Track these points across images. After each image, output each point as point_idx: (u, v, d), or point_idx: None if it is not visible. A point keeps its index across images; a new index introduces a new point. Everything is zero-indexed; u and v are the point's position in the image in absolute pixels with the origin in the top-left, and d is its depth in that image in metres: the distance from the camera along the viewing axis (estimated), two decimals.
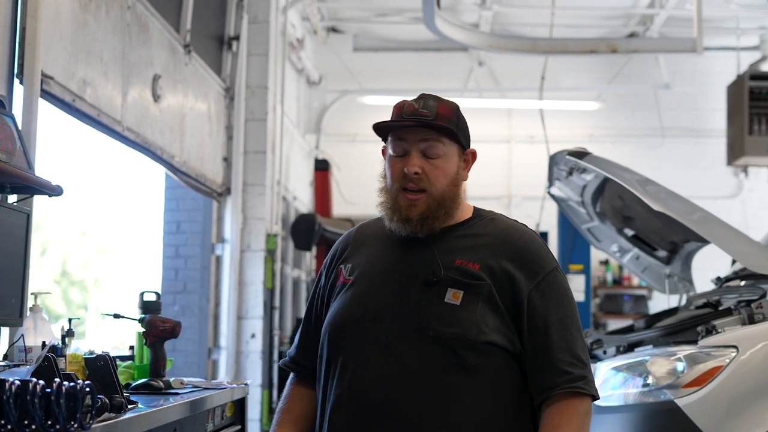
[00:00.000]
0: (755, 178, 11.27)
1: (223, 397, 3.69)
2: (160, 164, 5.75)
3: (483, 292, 2.37)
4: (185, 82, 6.09)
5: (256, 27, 7.49)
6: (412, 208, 2.42)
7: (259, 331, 7.27)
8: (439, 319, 2.35)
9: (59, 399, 2.10)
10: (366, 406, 2.35)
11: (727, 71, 10.97)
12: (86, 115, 4.54)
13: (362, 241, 2.59)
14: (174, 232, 7.12)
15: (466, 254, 2.43)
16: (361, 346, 2.39)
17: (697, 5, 7.13)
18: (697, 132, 11.50)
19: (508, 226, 2.52)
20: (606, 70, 11.40)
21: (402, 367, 2.33)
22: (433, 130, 2.44)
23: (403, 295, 2.40)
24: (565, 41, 7.70)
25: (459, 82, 11.60)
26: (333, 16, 11.07)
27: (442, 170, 2.43)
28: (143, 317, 3.75)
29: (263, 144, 7.42)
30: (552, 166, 5.54)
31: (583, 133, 11.19)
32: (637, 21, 10.89)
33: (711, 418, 4.12)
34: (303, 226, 8.34)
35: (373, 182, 9.28)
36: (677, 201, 4.56)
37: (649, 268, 6.08)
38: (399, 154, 2.47)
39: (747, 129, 10.06)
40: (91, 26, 4.59)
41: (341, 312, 2.46)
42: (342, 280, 2.51)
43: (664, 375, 4.32)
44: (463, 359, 2.33)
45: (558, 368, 2.36)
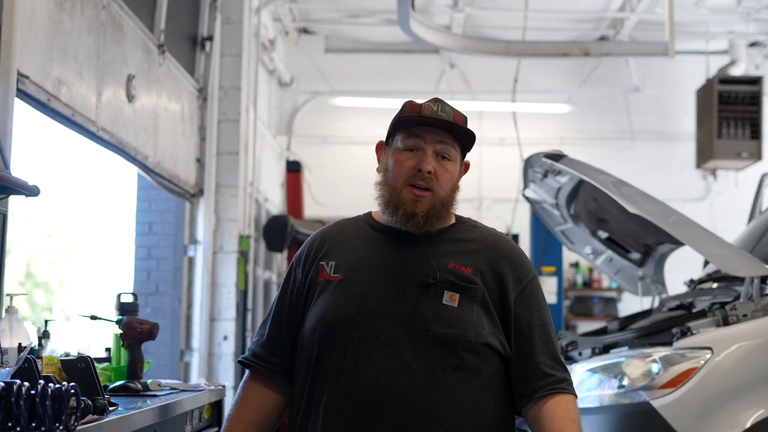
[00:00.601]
0: (723, 181, 11.37)
1: (201, 399, 3.68)
2: (134, 165, 5.71)
3: (477, 296, 2.44)
4: (159, 83, 6.05)
5: (230, 27, 7.46)
6: (417, 204, 2.45)
7: (232, 333, 7.24)
8: (438, 319, 2.39)
9: (45, 401, 2.08)
10: (366, 405, 2.35)
11: (696, 75, 11.06)
12: (61, 115, 4.50)
13: (342, 239, 2.58)
14: (146, 233, 7.07)
15: (458, 258, 2.48)
16: (358, 344, 2.39)
17: (669, 9, 7.18)
18: (667, 135, 11.58)
19: (491, 234, 2.60)
20: (577, 73, 11.46)
21: (403, 366, 2.35)
22: (458, 134, 2.50)
23: (399, 294, 2.42)
24: (539, 44, 7.74)
25: (430, 84, 11.61)
26: (304, 17, 11.04)
27: (450, 174, 2.49)
28: (120, 319, 3.73)
29: (236, 145, 7.39)
30: (527, 168, 5.56)
31: (554, 135, 11.24)
32: (607, 24, 10.95)
33: (686, 419, 4.15)
34: (275, 228, 8.32)
35: (345, 184, 9.37)
36: (653, 203, 4.59)
37: (622, 270, 6.12)
38: (411, 149, 2.49)
39: (716, 132, 10.17)
40: (67, 25, 4.54)
41: (332, 310, 2.44)
42: (326, 277, 2.50)
43: (640, 376, 4.35)
44: (462, 360, 2.38)
45: (543, 371, 2.45)
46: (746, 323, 4.28)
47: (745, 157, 10.18)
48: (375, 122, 11.57)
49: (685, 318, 4.60)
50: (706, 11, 10.11)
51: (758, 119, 10.19)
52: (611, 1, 10.25)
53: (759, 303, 4.34)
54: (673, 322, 4.61)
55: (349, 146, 11.53)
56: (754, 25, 10.77)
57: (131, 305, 3.90)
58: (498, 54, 7.25)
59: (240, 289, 7.30)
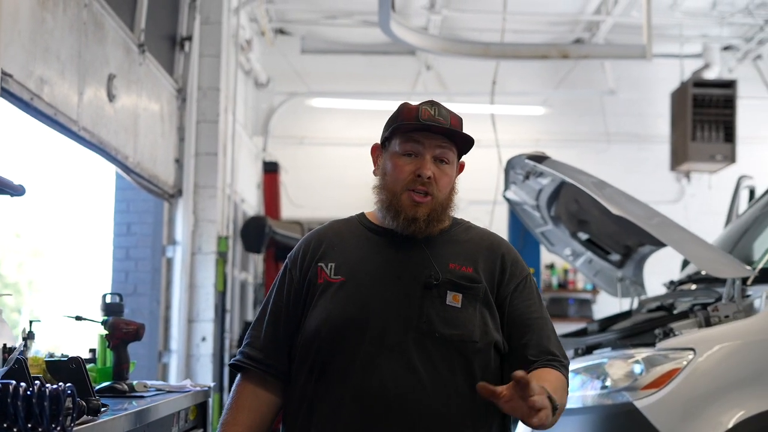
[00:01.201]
0: (697, 183, 11.45)
1: (188, 400, 3.66)
2: (114, 165, 5.67)
3: (479, 294, 2.46)
4: (139, 83, 6.02)
5: (208, 28, 7.43)
6: (418, 209, 2.46)
7: (210, 335, 7.21)
8: (443, 320, 2.40)
9: (42, 401, 2.06)
10: (374, 408, 2.35)
11: (670, 78, 11.13)
12: (43, 114, 4.46)
13: (338, 240, 2.58)
14: (124, 233, 7.03)
15: (458, 258, 2.50)
16: (364, 346, 2.39)
17: (647, 12, 7.23)
18: (641, 137, 11.65)
19: (487, 234, 2.64)
20: (552, 76, 11.51)
21: (410, 368, 2.36)
22: (458, 140, 2.52)
23: (403, 297, 2.43)
24: (518, 46, 7.77)
25: (407, 85, 11.62)
26: (281, 18, 11.02)
27: (448, 177, 2.51)
28: (106, 319, 3.71)
29: (215, 146, 7.35)
30: (508, 170, 5.58)
31: (530, 137, 11.27)
32: (583, 27, 11.00)
33: (669, 419, 4.18)
34: (253, 229, 8.30)
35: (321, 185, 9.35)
36: (636, 205, 4.62)
37: (601, 271, 6.15)
38: (410, 154, 2.49)
39: (690, 135, 10.23)
40: (49, 24, 4.51)
41: (337, 312, 2.44)
42: (326, 279, 2.49)
43: (622, 377, 4.37)
44: (467, 359, 2.40)
45: (547, 349, 2.46)
46: (728, 324, 4.32)
47: (719, 160, 10.25)
48: (351, 123, 11.58)
49: (668, 319, 4.64)
50: (681, 15, 10.19)
51: (732, 122, 10.26)
52: (587, 4, 10.30)
53: (740, 304, 4.38)
54: (655, 323, 4.64)
55: (325, 147, 11.52)
56: (728, 29, 10.86)
57: (116, 306, 3.89)
58: (477, 56, 7.28)
59: (218, 290, 7.27)
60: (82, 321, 3.89)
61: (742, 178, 6.73)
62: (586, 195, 5.37)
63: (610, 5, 10.02)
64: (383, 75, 11.67)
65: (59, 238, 11.53)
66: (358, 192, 11.48)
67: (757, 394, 4.17)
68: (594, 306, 11.29)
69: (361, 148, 12.21)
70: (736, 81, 10.42)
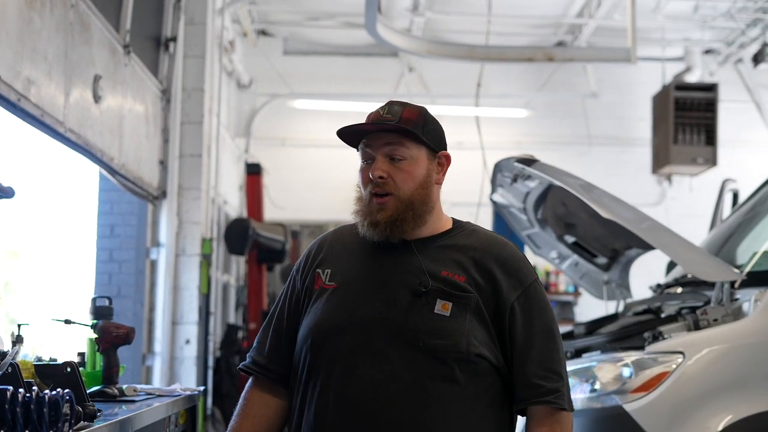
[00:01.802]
0: (678, 186, 11.51)
1: (178, 404, 3.63)
2: (100, 167, 5.63)
3: (471, 305, 2.38)
4: (124, 83, 5.98)
5: (193, 28, 7.39)
6: (380, 212, 2.41)
7: (194, 337, 7.17)
8: (429, 329, 2.34)
9: (42, 407, 2.04)
10: (354, 414, 2.32)
11: (651, 81, 11.19)
12: (30, 116, 4.42)
13: (339, 245, 2.56)
14: (108, 235, 6.97)
15: (451, 266, 2.42)
16: (347, 353, 2.36)
17: (631, 16, 7.25)
18: (623, 140, 11.70)
19: (489, 238, 2.53)
20: (535, 78, 11.53)
21: (391, 375, 2.32)
22: (393, 132, 2.44)
23: (390, 303, 2.39)
24: (503, 49, 7.77)
25: (389, 87, 11.62)
26: (263, 19, 10.99)
27: (408, 173, 2.42)
28: (96, 323, 3.68)
29: (199, 147, 7.32)
30: (496, 172, 5.57)
31: (512, 140, 11.29)
32: (565, 30, 11.03)
33: (659, 422, 4.18)
34: (237, 231, 8.27)
35: (303, 187, 9.33)
36: (625, 209, 4.62)
37: (587, 274, 6.15)
38: (366, 160, 2.47)
39: (672, 138, 10.29)
40: (37, 24, 4.47)
41: (325, 318, 2.42)
42: (321, 285, 2.48)
43: (611, 380, 4.37)
44: (452, 370, 2.33)
45: (531, 382, 2.39)
46: (717, 328, 4.32)
47: (701, 163, 10.31)
48: (333, 125, 11.40)
49: (656, 322, 4.64)
50: (663, 18, 10.23)
51: (713, 125, 10.33)
52: (570, 7, 10.33)
53: (729, 308, 4.38)
54: (644, 326, 4.64)
55: (307, 149, 11.51)
56: (709, 33, 10.92)
57: (106, 309, 3.85)
58: (462, 58, 7.27)
59: (202, 292, 7.23)
60: (71, 324, 3.85)
61: (726, 182, 6.75)
62: (574, 198, 5.38)
63: (593, 8, 10.05)
64: (366, 77, 11.66)
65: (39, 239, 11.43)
66: (340, 194, 11.47)
67: (746, 398, 4.17)
68: (576, 308, 11.33)
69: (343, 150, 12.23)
70: (718, 84, 10.48)
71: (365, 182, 2.46)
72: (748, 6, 9.91)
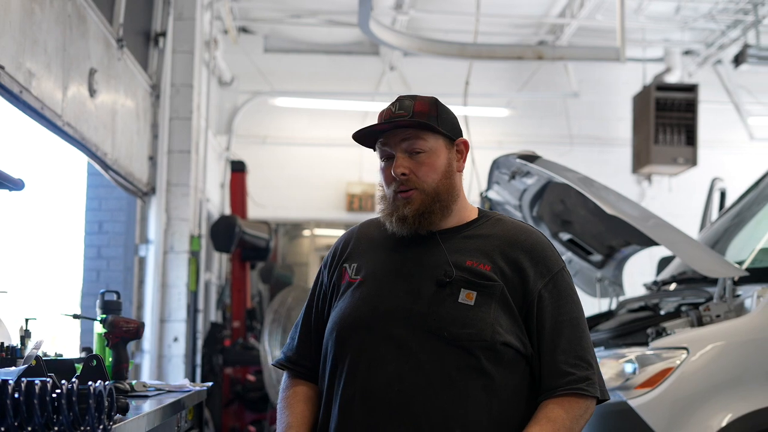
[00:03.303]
0: (658, 186, 11.59)
1: (190, 399, 3.59)
2: (94, 161, 5.57)
3: (496, 293, 2.36)
4: (117, 78, 5.92)
5: (182, 24, 7.32)
6: (407, 206, 2.41)
7: (182, 335, 7.11)
8: (453, 319, 2.33)
9: (88, 399, 2.00)
10: (380, 406, 2.31)
11: (631, 82, 11.25)
12: (31, 108, 4.36)
13: (366, 240, 2.56)
14: (96, 232, 6.90)
15: (476, 255, 2.41)
16: (372, 346, 2.36)
17: (620, 16, 7.28)
18: (603, 140, 11.76)
19: (516, 227, 2.50)
20: (516, 78, 11.56)
21: (417, 366, 2.31)
22: (408, 127, 2.42)
23: (415, 295, 2.37)
24: (493, 47, 7.79)
25: (371, 85, 11.61)
26: (244, 16, 10.93)
27: (429, 165, 2.41)
28: (105, 317, 3.63)
29: (187, 143, 7.26)
30: (493, 169, 5.57)
31: (493, 139, 11.30)
32: (546, 30, 11.06)
33: (663, 418, 4.19)
34: (223, 228, 8.21)
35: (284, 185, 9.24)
36: (630, 206, 4.64)
37: (580, 272, 6.16)
38: (386, 158, 2.47)
39: (653, 138, 10.35)
40: (38, 16, 4.41)
41: (349, 311, 2.42)
42: (347, 279, 2.48)
43: (615, 376, 4.38)
44: (478, 359, 2.32)
45: (562, 370, 2.36)
46: (721, 324, 4.35)
47: (681, 163, 10.38)
48: (315, 123, 11.53)
49: (659, 319, 4.66)
50: (644, 19, 10.28)
51: (693, 126, 10.41)
52: (552, 7, 10.36)
53: (731, 304, 4.41)
54: (646, 322, 4.65)
55: (288, 147, 11.47)
56: (689, 34, 11.00)
57: (115, 303, 3.81)
58: (453, 56, 7.27)
59: (191, 289, 7.17)
60: (80, 319, 3.81)
61: (715, 180, 6.79)
62: (573, 195, 5.40)
63: (576, 8, 10.08)
64: (347, 75, 11.64)
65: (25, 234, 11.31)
66: (322, 192, 11.57)
67: (750, 393, 4.20)
68: None
69: (324, 147, 12.24)
70: (698, 85, 10.55)
71: (388, 181, 2.45)
72: (729, 7, 9.99)
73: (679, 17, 10.33)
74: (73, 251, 6.89)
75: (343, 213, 11.58)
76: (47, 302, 6.89)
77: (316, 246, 13.27)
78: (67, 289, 6.89)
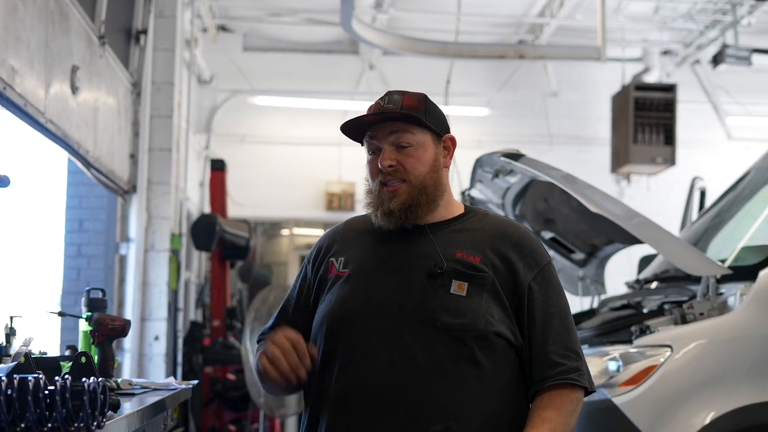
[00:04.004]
0: (636, 185, 11.64)
1: (176, 397, 3.57)
2: (76, 159, 5.53)
3: (487, 284, 2.40)
4: (99, 75, 5.88)
5: (163, 21, 7.29)
6: (393, 200, 2.44)
7: (163, 334, 7.07)
8: (446, 309, 2.36)
9: (82, 396, 1.99)
10: (374, 397, 2.33)
11: (610, 81, 11.30)
12: (15, 105, 4.33)
13: (352, 235, 2.58)
14: (76, 230, 6.85)
15: (466, 247, 2.44)
16: (364, 338, 2.38)
17: (601, 16, 7.31)
18: (582, 139, 11.80)
19: (503, 221, 2.56)
20: (496, 77, 11.58)
21: (410, 357, 2.33)
22: (397, 120, 2.45)
23: (406, 286, 2.40)
24: (475, 46, 7.80)
25: (350, 84, 11.60)
26: (223, 14, 10.89)
27: (416, 158, 2.44)
28: (90, 315, 3.61)
29: (168, 141, 7.22)
30: (476, 168, 5.57)
31: (472, 138, 11.29)
32: (526, 29, 11.09)
33: (648, 415, 4.21)
34: (204, 227, 8.17)
35: (263, 184, 9.25)
36: (615, 205, 4.66)
37: (562, 270, 6.17)
38: (373, 152, 2.49)
39: (632, 138, 10.40)
40: (21, 12, 4.38)
41: (339, 304, 2.44)
42: (335, 272, 2.50)
43: (599, 374, 4.39)
44: (471, 349, 2.35)
45: (552, 360, 2.40)
46: (704, 321, 4.37)
47: (660, 162, 10.43)
48: (294, 122, 11.51)
49: (642, 316, 4.68)
50: (624, 19, 10.33)
51: (672, 125, 10.46)
52: (531, 7, 10.39)
53: (715, 302, 4.43)
54: (630, 320, 4.67)
55: (267, 146, 11.45)
56: (667, 34, 11.05)
57: (100, 301, 3.80)
58: (435, 55, 7.28)
59: (172, 288, 7.14)
60: (65, 316, 3.79)
61: (695, 180, 6.83)
62: (557, 194, 5.42)
63: (555, 8, 10.11)
64: (326, 74, 11.63)
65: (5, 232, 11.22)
66: (301, 191, 11.56)
67: (733, 391, 4.22)
68: None
69: (303, 147, 12.21)
70: (677, 85, 10.61)
71: (374, 173, 2.47)
72: (708, 8, 10.05)
73: (658, 17, 10.38)
74: (54, 249, 6.84)
75: (322, 212, 11.57)
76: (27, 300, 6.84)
77: (295, 245, 13.24)
78: (48, 288, 6.84)
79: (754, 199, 5.56)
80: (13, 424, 1.99)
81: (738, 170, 6.55)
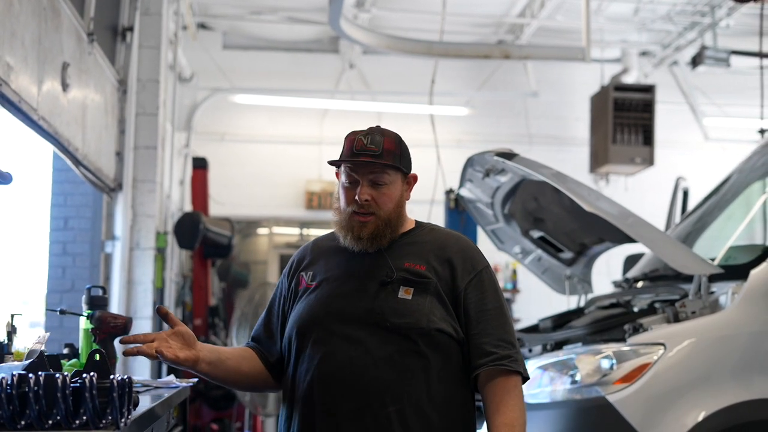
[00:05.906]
0: (614, 185, 11.72)
1: (178, 396, 3.57)
2: (66, 157, 5.50)
3: (430, 288, 2.82)
4: (88, 72, 5.85)
5: (148, 19, 7.26)
6: (363, 229, 2.85)
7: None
8: (394, 311, 2.77)
9: (112, 393, 1.99)
10: (336, 386, 2.73)
11: (589, 82, 11.36)
12: (9, 102, 4.30)
13: (319, 252, 3.00)
14: (61, 228, 6.81)
15: (413, 258, 2.87)
16: (327, 338, 2.78)
17: (586, 16, 7.36)
18: (561, 140, 11.86)
19: (446, 234, 3.00)
20: (476, 77, 11.62)
21: (365, 352, 2.73)
22: (380, 166, 2.83)
23: (361, 294, 2.81)
24: (460, 45, 7.81)
25: (330, 83, 11.60)
26: (203, 12, 10.86)
27: (388, 196, 2.86)
28: (92, 313, 3.60)
29: (154, 139, 7.19)
30: (467, 167, 5.59)
31: (451, 138, 11.34)
32: (506, 30, 11.13)
33: (642, 413, 4.25)
34: (188, 225, 8.15)
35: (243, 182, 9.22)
36: (608, 204, 4.69)
37: (549, 269, 6.22)
38: (351, 182, 2.86)
39: (611, 138, 10.47)
40: (16, 8, 4.35)
41: (307, 311, 2.85)
42: (305, 285, 2.93)
43: (592, 372, 4.43)
44: (416, 344, 2.75)
45: (486, 350, 2.80)
46: (697, 320, 4.42)
47: (639, 163, 10.51)
48: (274, 120, 11.50)
49: (634, 315, 4.72)
50: (603, 20, 10.40)
51: (650, 126, 10.54)
52: (512, 7, 10.43)
53: (706, 300, 4.48)
54: (623, 319, 4.71)
55: (247, 144, 11.43)
56: (646, 35, 11.14)
57: (101, 299, 3.78)
58: (420, 54, 7.30)
59: (157, 286, 7.11)
60: (66, 314, 3.77)
61: (679, 180, 6.91)
62: (548, 193, 5.45)
63: (536, 9, 10.16)
64: (306, 72, 11.62)
65: None
66: (281, 190, 11.54)
67: (724, 389, 4.27)
68: (514, 305, 11.44)
69: (283, 145, 12.18)
70: (655, 86, 10.69)
71: (349, 201, 2.85)
72: (687, 9, 10.14)
73: (638, 18, 10.46)
74: (39, 247, 6.80)
75: (302, 211, 11.57)
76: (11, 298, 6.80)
77: (274, 244, 13.21)
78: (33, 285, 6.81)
79: (737, 201, 5.63)
80: (39, 419, 2.00)
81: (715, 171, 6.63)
